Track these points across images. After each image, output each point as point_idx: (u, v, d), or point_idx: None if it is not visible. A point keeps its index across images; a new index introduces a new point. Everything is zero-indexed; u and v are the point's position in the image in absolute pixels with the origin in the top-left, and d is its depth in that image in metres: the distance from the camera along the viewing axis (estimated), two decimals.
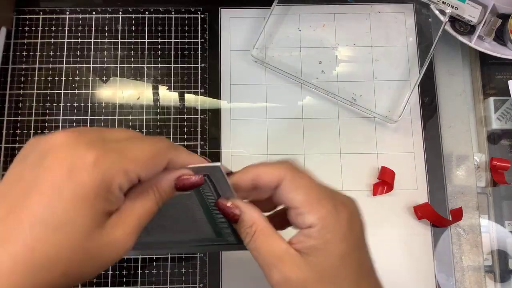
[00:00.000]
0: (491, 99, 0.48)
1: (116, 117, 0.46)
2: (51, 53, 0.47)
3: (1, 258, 0.21)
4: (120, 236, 0.24)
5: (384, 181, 0.44)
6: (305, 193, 0.28)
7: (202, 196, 0.30)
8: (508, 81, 0.47)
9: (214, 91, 0.47)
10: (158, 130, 0.45)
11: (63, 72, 0.47)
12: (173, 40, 0.48)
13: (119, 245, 0.24)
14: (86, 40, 0.47)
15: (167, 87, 0.47)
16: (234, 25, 0.49)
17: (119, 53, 0.47)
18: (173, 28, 0.48)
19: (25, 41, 0.47)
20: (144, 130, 0.45)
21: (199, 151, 0.45)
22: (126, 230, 0.25)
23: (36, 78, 0.46)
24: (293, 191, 0.28)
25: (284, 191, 0.28)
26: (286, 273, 0.27)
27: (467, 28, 0.46)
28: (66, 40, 0.47)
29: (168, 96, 0.46)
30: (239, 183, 0.29)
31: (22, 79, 0.46)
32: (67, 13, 0.48)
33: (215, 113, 0.46)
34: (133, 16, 0.48)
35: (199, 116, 0.46)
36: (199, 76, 0.47)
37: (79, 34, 0.47)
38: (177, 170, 0.27)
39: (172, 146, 0.27)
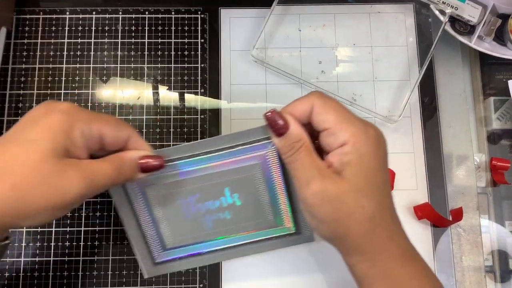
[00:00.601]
0: (491, 99, 0.48)
1: (116, 117, 0.46)
2: (51, 53, 0.47)
3: None
4: (72, 176, 0.28)
5: None
6: (335, 114, 0.30)
7: (269, 171, 0.35)
8: (508, 81, 0.47)
9: (214, 91, 0.47)
10: (158, 130, 0.45)
11: (63, 72, 0.47)
12: (173, 40, 0.48)
13: (69, 184, 0.28)
14: (86, 40, 0.47)
15: (167, 87, 0.47)
16: (234, 25, 0.49)
17: (119, 53, 0.47)
18: (173, 28, 0.48)
19: (25, 41, 0.47)
20: (144, 130, 0.45)
21: None
22: (79, 174, 0.28)
23: (36, 78, 0.46)
24: (324, 113, 0.31)
25: (316, 114, 0.31)
26: (325, 185, 0.29)
27: (467, 28, 0.46)
28: (66, 40, 0.47)
29: (168, 96, 0.46)
30: (285, 112, 0.32)
31: (22, 79, 0.46)
32: (67, 13, 0.48)
33: (215, 113, 0.46)
34: (133, 16, 0.48)
35: (199, 116, 0.46)
36: (199, 76, 0.47)
37: (79, 34, 0.47)
38: (143, 152, 0.32)
39: (136, 134, 0.32)
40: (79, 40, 0.47)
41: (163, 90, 0.46)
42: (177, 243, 0.38)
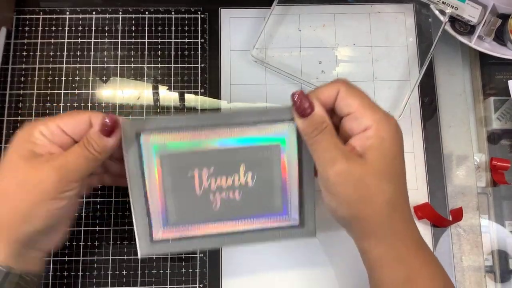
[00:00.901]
0: (491, 99, 0.48)
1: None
2: (51, 53, 0.47)
3: None
4: (43, 168, 0.31)
5: None
6: (360, 100, 0.32)
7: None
8: (508, 81, 0.47)
9: (214, 91, 0.47)
10: None
11: (63, 72, 0.47)
12: (173, 40, 0.48)
13: (41, 176, 0.31)
14: (86, 40, 0.47)
15: (167, 87, 0.47)
16: (234, 25, 0.49)
17: (119, 53, 0.47)
18: (173, 28, 0.48)
19: (25, 41, 0.47)
20: None
21: None
22: (48, 164, 0.31)
23: (36, 78, 0.46)
24: (349, 97, 0.32)
25: (341, 98, 0.32)
26: (350, 165, 0.31)
27: (467, 28, 0.46)
28: (66, 40, 0.47)
29: (168, 96, 0.46)
30: (312, 96, 0.33)
31: (22, 79, 0.46)
32: (67, 13, 0.48)
33: None
34: (133, 16, 0.48)
35: None
36: (199, 76, 0.47)
37: (79, 34, 0.47)
38: (99, 120, 0.33)
39: (96, 112, 0.34)
40: (79, 40, 0.47)
41: (163, 90, 0.46)
42: (180, 220, 0.36)
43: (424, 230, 0.44)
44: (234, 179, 0.35)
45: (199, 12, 0.49)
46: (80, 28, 0.48)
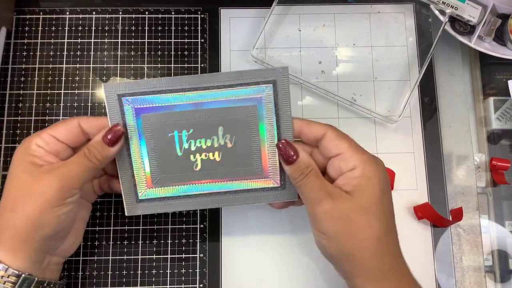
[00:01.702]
0: (491, 99, 0.48)
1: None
2: (51, 53, 0.47)
3: None
4: (45, 178, 0.33)
5: None
6: (348, 142, 0.34)
7: (263, 117, 0.36)
8: (508, 81, 0.47)
9: None
10: None
11: (63, 72, 0.46)
12: (173, 40, 0.48)
13: (45, 185, 0.33)
14: (86, 40, 0.47)
15: None
16: (234, 25, 0.49)
17: (119, 53, 0.47)
18: (173, 28, 0.48)
19: (25, 41, 0.47)
20: None
21: None
22: (50, 174, 0.33)
23: (36, 78, 0.46)
24: (338, 139, 0.34)
25: (330, 139, 0.34)
26: (335, 203, 0.32)
27: (467, 28, 0.46)
28: (66, 40, 0.47)
29: None
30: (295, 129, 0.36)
31: (22, 79, 0.46)
32: (67, 13, 0.48)
33: None
34: (133, 16, 0.48)
35: None
36: None
37: (79, 34, 0.47)
38: (103, 130, 0.35)
39: (84, 116, 0.37)
40: (79, 40, 0.47)
41: None
42: (163, 180, 0.38)
43: (424, 230, 0.44)
44: (213, 140, 0.37)
45: (199, 12, 0.49)
46: (80, 28, 0.48)
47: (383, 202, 0.33)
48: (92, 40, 0.47)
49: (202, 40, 0.48)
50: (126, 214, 0.38)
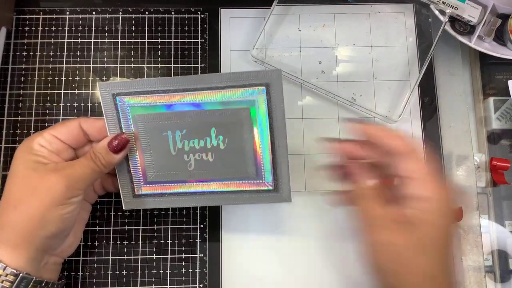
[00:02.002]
0: (491, 99, 0.48)
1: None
2: (51, 53, 0.47)
3: None
4: (51, 177, 0.33)
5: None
6: (424, 166, 0.31)
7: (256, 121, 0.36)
8: (508, 81, 0.47)
9: None
10: None
11: (63, 72, 0.46)
12: (173, 40, 0.48)
13: (50, 183, 0.33)
14: (86, 40, 0.47)
15: None
16: (234, 25, 0.49)
17: (119, 53, 0.47)
18: (173, 28, 0.48)
19: (25, 41, 0.47)
20: None
21: None
22: (56, 173, 0.33)
23: (36, 78, 0.46)
24: (413, 162, 0.31)
25: (404, 158, 0.31)
26: (394, 236, 0.30)
27: (467, 28, 0.46)
28: (66, 40, 0.47)
29: None
30: (368, 131, 0.33)
31: (22, 79, 0.46)
32: (67, 13, 0.48)
33: None
34: (133, 16, 0.48)
35: None
36: None
37: (79, 34, 0.47)
38: (109, 136, 0.36)
39: (85, 117, 0.38)
40: (79, 40, 0.47)
41: None
42: (158, 178, 0.38)
43: None
44: (206, 141, 0.37)
45: (199, 12, 0.49)
46: (80, 28, 0.48)
47: (446, 241, 0.31)
48: (92, 40, 0.47)
49: (202, 40, 0.48)
50: (123, 208, 0.39)
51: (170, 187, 0.39)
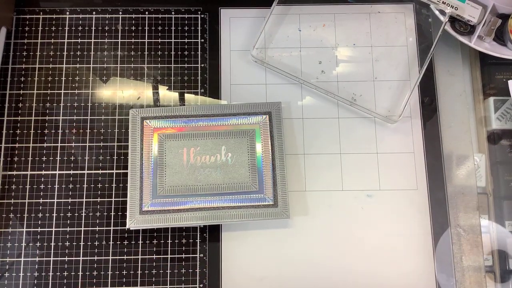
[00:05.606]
0: (491, 99, 0.48)
1: (116, 117, 0.46)
2: (51, 53, 0.47)
3: None
4: None
5: None
6: None
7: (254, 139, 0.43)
8: (508, 81, 0.47)
9: (214, 91, 0.47)
10: None
11: (63, 72, 0.47)
12: (173, 40, 0.48)
13: None
14: (86, 40, 0.47)
15: (167, 87, 0.47)
16: (234, 25, 0.49)
17: (119, 53, 0.47)
18: (173, 28, 0.48)
19: (25, 41, 0.47)
20: None
21: None
22: None
23: (36, 78, 0.46)
24: None
25: None
26: None
27: (467, 28, 0.46)
28: (66, 40, 0.47)
29: (168, 96, 0.46)
30: None
31: (22, 79, 0.46)
32: (67, 13, 0.48)
33: None
34: (133, 16, 0.48)
35: None
36: (199, 76, 0.47)
37: (79, 34, 0.47)
38: None
39: None
40: (79, 40, 0.47)
41: (163, 90, 0.46)
42: (167, 194, 0.42)
43: (424, 230, 0.44)
44: (216, 157, 0.43)
45: (199, 12, 0.49)
46: (80, 28, 0.48)
47: None
48: (92, 40, 0.47)
49: (202, 40, 0.48)
50: (127, 227, 0.41)
51: (177, 204, 0.42)
